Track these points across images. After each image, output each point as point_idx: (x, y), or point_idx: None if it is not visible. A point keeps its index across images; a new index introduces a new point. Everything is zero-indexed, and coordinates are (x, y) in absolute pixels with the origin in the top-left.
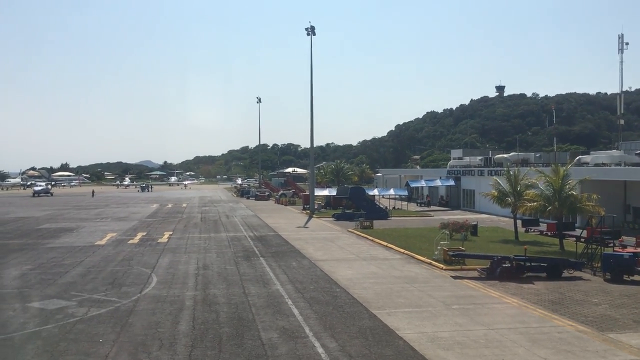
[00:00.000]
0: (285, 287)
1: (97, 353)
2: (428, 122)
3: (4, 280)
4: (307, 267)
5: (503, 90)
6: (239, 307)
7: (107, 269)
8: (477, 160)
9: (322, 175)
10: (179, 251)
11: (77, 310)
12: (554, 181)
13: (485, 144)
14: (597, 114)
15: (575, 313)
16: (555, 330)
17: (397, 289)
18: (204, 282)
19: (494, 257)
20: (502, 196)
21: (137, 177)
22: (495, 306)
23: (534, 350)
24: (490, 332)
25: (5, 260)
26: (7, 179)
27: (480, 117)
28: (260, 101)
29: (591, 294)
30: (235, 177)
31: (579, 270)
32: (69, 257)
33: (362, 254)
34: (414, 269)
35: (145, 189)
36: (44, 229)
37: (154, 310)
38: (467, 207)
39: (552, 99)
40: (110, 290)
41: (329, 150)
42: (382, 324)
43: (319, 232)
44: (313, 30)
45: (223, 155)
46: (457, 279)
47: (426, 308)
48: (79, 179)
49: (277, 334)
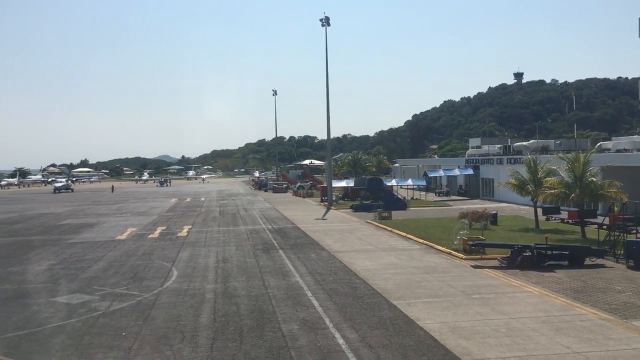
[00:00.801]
0: (304, 279)
1: (121, 346)
2: (445, 111)
3: (28, 275)
4: (326, 259)
5: (521, 77)
6: (259, 300)
7: (128, 264)
8: (495, 149)
9: (340, 166)
10: (199, 245)
11: (100, 304)
12: (575, 168)
13: (504, 132)
14: (618, 99)
15: (598, 301)
16: (578, 319)
17: (416, 280)
18: (223, 275)
19: (514, 246)
20: (521, 184)
21: (155, 171)
22: (516, 295)
23: (557, 339)
24: (512, 322)
25: (29, 256)
26: (28, 175)
27: (498, 105)
28: (276, 94)
29: (614, 282)
30: (252, 170)
31: (601, 257)
32: (90, 252)
33: (381, 245)
34: (434, 259)
35: (163, 183)
36: (66, 224)
37: (175, 304)
38: (487, 196)
39: (571, 84)
40: (131, 284)
41: (345, 142)
42: (402, 315)
43: (337, 224)
44: (328, 21)
45: (240, 148)
46: (477, 269)
47: (446, 298)
48: (99, 174)
49: (297, 325)
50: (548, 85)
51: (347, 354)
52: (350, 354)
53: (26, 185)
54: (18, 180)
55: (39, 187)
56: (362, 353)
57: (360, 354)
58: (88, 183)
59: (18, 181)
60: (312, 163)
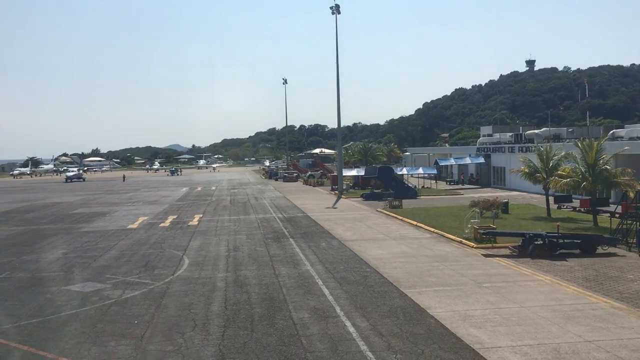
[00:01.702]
0: (315, 268)
1: (133, 334)
2: (456, 99)
3: (41, 264)
4: (336, 248)
5: (533, 65)
6: (270, 288)
7: (139, 252)
8: (507, 137)
9: (350, 155)
10: (210, 233)
11: (112, 292)
12: (588, 155)
13: (515, 120)
14: (632, 86)
15: (610, 289)
16: (590, 307)
17: (427, 268)
18: (234, 264)
19: (525, 235)
20: (533, 172)
21: (166, 161)
22: (527, 284)
23: (568, 328)
24: (523, 310)
25: (41, 245)
26: (41, 165)
27: (510, 93)
28: (286, 82)
29: (626, 270)
30: (263, 159)
31: (613, 246)
32: (102, 241)
33: (391, 234)
34: (445, 247)
35: (174, 172)
36: (78, 213)
37: (187, 292)
38: (498, 184)
39: (584, 72)
40: (143, 273)
41: (356, 130)
42: (413, 303)
43: (347, 213)
44: (338, 8)
45: (250, 137)
46: (488, 257)
47: (457, 286)
48: (110, 164)
49: (308, 314)
50: (560, 73)
51: (358, 342)
52: (361, 342)
53: (38, 175)
54: (30, 170)
55: (51, 177)
56: (373, 341)
57: (370, 342)
58: (99, 172)
59: (30, 170)
60: (323, 152)
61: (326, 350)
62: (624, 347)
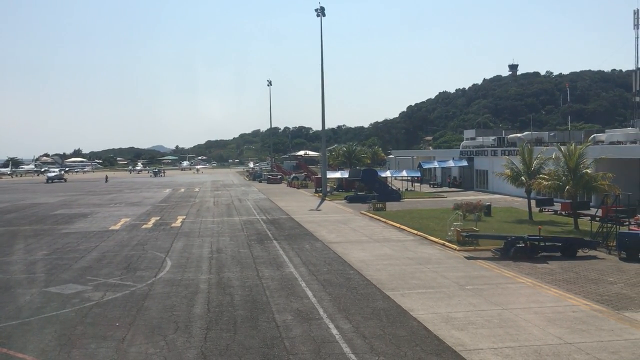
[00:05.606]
0: (298, 270)
1: (114, 336)
2: (440, 102)
3: (20, 265)
4: (320, 250)
5: (516, 69)
6: (253, 290)
7: (121, 254)
8: (490, 141)
9: (334, 157)
10: (193, 235)
11: (93, 294)
12: (569, 160)
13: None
14: (612, 91)
15: (590, 292)
16: (570, 310)
17: (410, 270)
18: (218, 266)
19: (507, 237)
20: (516, 175)
21: (149, 162)
22: (509, 286)
23: (549, 330)
24: (505, 312)
25: (21, 246)
26: (21, 165)
27: (493, 97)
28: (271, 84)
29: (606, 273)
30: (247, 160)
31: (593, 249)
32: (83, 243)
33: (375, 236)
34: (427, 250)
35: (157, 173)
36: (59, 214)
37: (169, 294)
38: (481, 187)
39: (566, 77)
40: (125, 275)
41: (340, 133)
42: (396, 305)
43: (331, 215)
44: (323, 11)
45: (234, 139)
46: (471, 260)
47: (440, 289)
48: (92, 164)
49: (291, 316)
50: (543, 77)
51: (341, 344)
52: (344, 344)
53: (19, 175)
54: (10, 170)
55: (32, 177)
56: (356, 343)
57: (354, 344)
58: (81, 173)
59: (10, 171)
60: (307, 154)
61: (309, 352)
62: (603, 349)
